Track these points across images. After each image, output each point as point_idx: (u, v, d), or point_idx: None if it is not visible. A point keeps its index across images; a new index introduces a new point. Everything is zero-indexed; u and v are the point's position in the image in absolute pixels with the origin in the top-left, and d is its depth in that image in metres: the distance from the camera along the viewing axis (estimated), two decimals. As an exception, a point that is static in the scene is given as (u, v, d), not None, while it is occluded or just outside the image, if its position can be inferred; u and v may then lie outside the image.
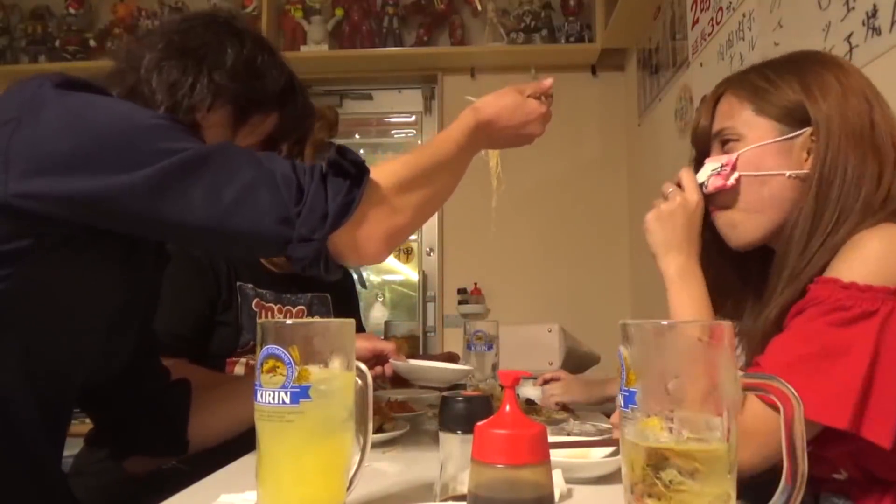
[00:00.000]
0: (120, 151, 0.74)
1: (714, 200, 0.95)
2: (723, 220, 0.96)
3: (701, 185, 0.95)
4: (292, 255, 0.77)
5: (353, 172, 0.79)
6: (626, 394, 0.54)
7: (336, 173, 0.79)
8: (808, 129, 0.87)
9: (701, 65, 2.15)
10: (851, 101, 0.86)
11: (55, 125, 0.74)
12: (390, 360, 1.20)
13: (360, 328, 1.77)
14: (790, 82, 0.90)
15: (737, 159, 0.91)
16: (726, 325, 0.54)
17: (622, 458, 0.56)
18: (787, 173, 0.88)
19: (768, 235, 0.92)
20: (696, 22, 2.20)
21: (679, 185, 0.98)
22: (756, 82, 0.93)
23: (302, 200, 0.76)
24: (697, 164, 1.00)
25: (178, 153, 0.74)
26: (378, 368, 1.23)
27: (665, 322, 0.54)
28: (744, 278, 0.99)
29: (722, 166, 0.92)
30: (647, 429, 0.53)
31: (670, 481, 0.51)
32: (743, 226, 0.93)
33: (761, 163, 0.90)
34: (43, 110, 0.75)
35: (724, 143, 0.94)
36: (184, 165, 0.74)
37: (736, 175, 0.91)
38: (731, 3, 1.91)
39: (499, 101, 0.99)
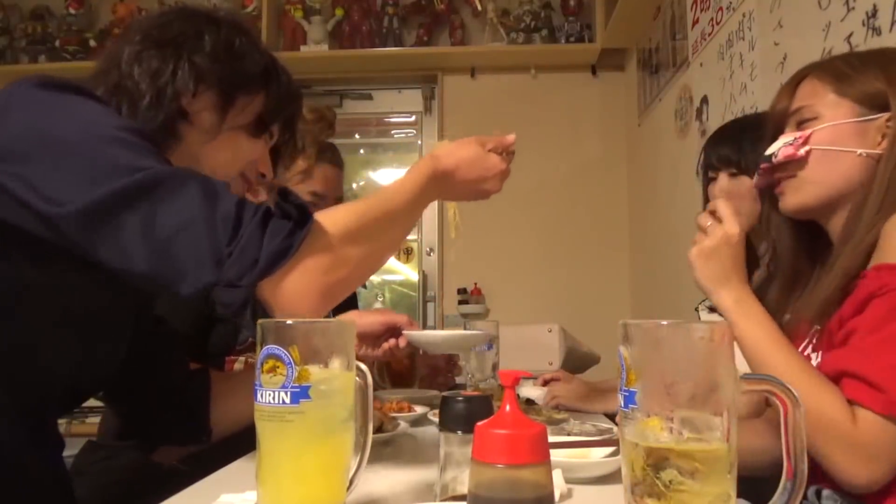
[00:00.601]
0: (74, 164, 0.72)
1: (780, 169, 0.98)
2: (782, 183, 0.98)
3: (770, 157, 0.97)
4: (217, 300, 0.71)
5: (295, 216, 0.74)
6: (626, 394, 0.54)
7: (282, 215, 0.74)
8: (886, 115, 0.91)
9: (701, 65, 2.15)
10: None
11: (19, 127, 0.74)
12: (404, 332, 1.20)
13: None
14: (875, 72, 0.93)
15: (811, 134, 0.94)
16: (726, 326, 0.54)
17: (622, 458, 0.56)
18: (859, 151, 0.91)
19: (820, 207, 0.95)
20: (696, 22, 2.20)
21: (715, 216, 0.97)
22: (841, 68, 0.96)
23: (236, 239, 0.70)
24: (770, 142, 1.02)
25: (134, 171, 0.71)
26: (392, 341, 1.22)
27: (665, 322, 0.54)
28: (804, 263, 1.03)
29: (795, 138, 0.95)
30: (647, 429, 0.53)
31: (670, 481, 0.51)
32: (802, 191, 0.96)
33: (835, 140, 0.93)
34: (11, 112, 0.75)
35: (801, 122, 0.97)
36: (128, 194, 0.70)
37: (807, 148, 0.94)
38: (731, 3, 1.91)
39: (459, 151, 0.96)
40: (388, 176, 3.58)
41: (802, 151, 0.94)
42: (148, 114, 0.86)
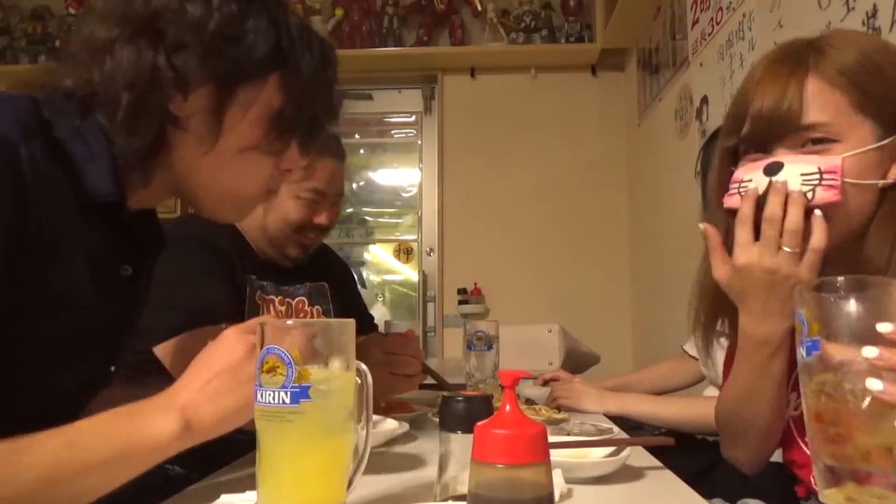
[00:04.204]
0: None
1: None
2: None
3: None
4: None
5: None
6: (810, 343, 0.58)
7: None
8: None
9: (701, 65, 2.15)
10: None
11: None
12: None
13: (370, 317, 1.72)
14: (893, 79, 0.76)
15: (842, 166, 0.75)
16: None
17: (805, 413, 0.60)
18: (880, 183, 0.76)
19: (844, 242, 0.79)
20: (696, 22, 2.20)
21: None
22: (860, 75, 0.76)
23: None
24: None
25: None
26: None
27: (835, 292, 0.58)
28: None
29: (823, 173, 0.74)
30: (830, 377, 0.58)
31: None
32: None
33: (860, 170, 0.75)
34: None
35: (817, 141, 0.77)
36: None
37: (839, 183, 0.75)
38: (731, 3, 1.91)
39: (188, 371, 0.70)
40: (388, 176, 3.58)
41: (839, 194, 0.75)
42: (128, 129, 0.70)
